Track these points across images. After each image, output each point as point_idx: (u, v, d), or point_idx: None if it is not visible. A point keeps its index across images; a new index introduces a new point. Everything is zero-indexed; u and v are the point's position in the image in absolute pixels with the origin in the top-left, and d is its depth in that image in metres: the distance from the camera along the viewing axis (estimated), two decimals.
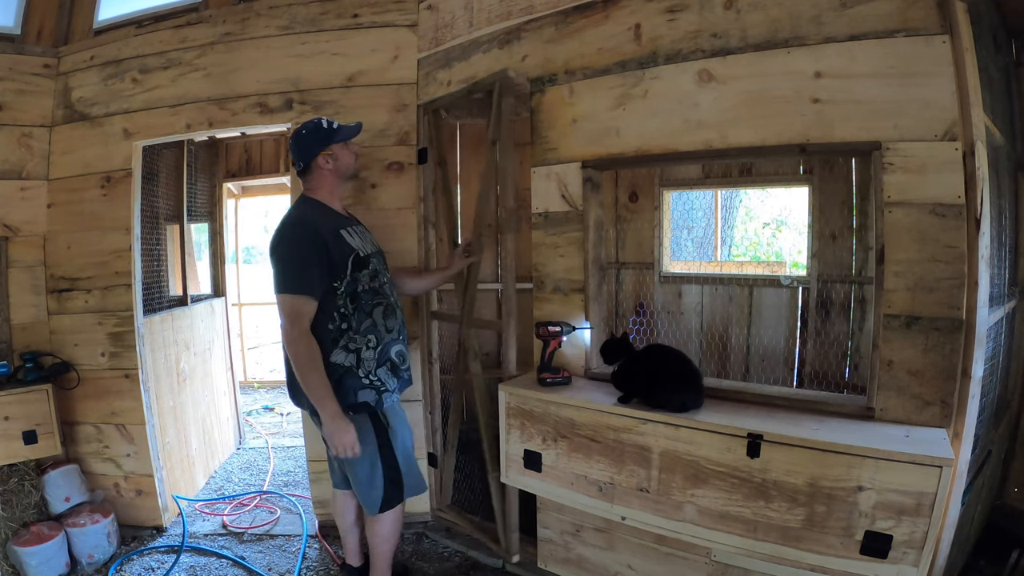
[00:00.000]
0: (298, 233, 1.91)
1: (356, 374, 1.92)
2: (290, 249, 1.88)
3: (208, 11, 2.74)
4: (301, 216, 1.98)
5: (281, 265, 1.87)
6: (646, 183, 3.10)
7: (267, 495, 3.29)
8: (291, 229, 1.92)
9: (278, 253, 1.89)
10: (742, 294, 2.95)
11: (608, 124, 2.05)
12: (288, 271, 1.86)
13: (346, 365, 1.91)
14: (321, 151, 2.00)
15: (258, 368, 6.98)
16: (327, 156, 2.01)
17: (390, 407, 2.01)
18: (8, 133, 2.76)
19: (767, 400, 1.82)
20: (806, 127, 1.70)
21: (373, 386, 1.95)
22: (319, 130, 2.01)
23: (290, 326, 1.84)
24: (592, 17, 2.07)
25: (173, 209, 3.45)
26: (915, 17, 1.55)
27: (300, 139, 2.02)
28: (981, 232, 1.51)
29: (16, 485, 2.58)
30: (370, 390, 1.94)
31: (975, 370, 1.54)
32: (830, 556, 1.50)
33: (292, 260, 1.87)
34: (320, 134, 2.00)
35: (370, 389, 1.94)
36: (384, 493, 2.00)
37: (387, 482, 1.99)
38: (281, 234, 1.92)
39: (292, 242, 1.89)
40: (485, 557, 2.51)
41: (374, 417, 1.98)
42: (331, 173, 2.04)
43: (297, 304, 1.84)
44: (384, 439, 1.99)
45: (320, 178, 2.04)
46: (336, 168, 2.04)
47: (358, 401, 1.93)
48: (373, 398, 1.95)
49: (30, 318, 2.81)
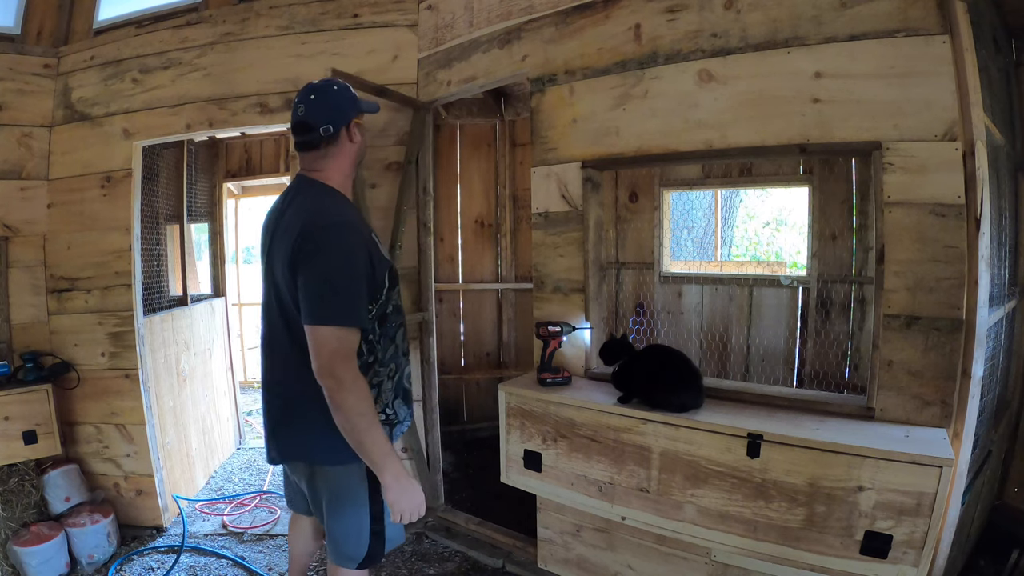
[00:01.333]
0: (352, 241, 1.42)
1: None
2: (339, 262, 1.39)
3: (208, 11, 2.75)
4: (341, 214, 1.47)
5: (324, 283, 1.38)
6: (646, 183, 3.10)
7: (267, 495, 3.29)
8: (342, 234, 1.41)
9: (318, 264, 1.38)
10: (742, 294, 2.95)
11: (608, 124, 2.05)
12: (338, 292, 1.38)
13: None
14: (355, 118, 1.53)
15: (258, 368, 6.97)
16: (358, 125, 1.55)
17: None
18: (8, 133, 2.76)
19: (767, 400, 1.82)
20: (806, 127, 1.70)
21: (388, 421, 1.61)
22: (351, 91, 1.54)
23: (343, 368, 1.37)
24: (592, 17, 2.07)
25: (173, 209, 3.45)
26: (915, 17, 1.55)
27: (330, 96, 1.51)
28: (981, 232, 1.51)
29: (16, 485, 2.58)
30: (385, 427, 1.56)
31: (975, 370, 1.54)
32: (830, 556, 1.50)
33: (344, 278, 1.39)
34: (352, 96, 1.54)
35: (385, 425, 1.57)
36: (369, 548, 1.62)
37: (372, 536, 1.62)
38: (322, 237, 1.40)
39: (345, 253, 1.40)
40: (485, 557, 2.51)
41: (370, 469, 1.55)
42: (355, 151, 1.57)
43: (349, 339, 1.39)
44: (376, 495, 1.58)
45: (342, 156, 1.54)
46: (361, 146, 1.59)
47: None
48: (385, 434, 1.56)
49: (30, 318, 2.81)
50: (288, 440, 1.59)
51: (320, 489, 1.61)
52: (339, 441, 1.45)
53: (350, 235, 1.42)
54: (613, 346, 1.95)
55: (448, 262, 3.84)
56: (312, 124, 1.48)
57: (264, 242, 1.60)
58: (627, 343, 1.95)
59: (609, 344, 1.97)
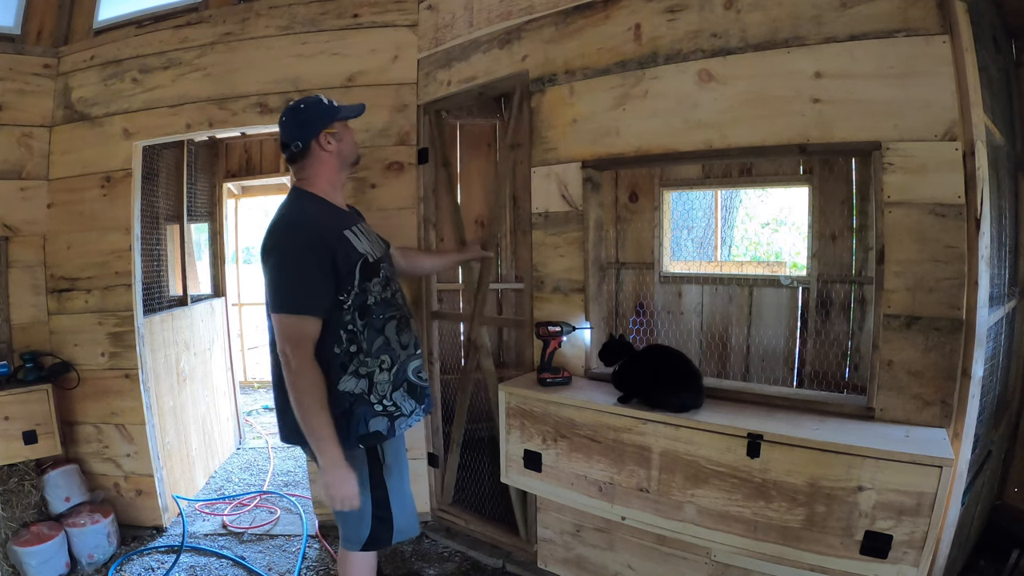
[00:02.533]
0: (297, 236, 1.59)
1: (368, 400, 1.66)
2: (288, 256, 1.57)
3: (208, 11, 2.74)
4: (298, 214, 1.67)
5: (277, 276, 1.57)
6: (646, 183, 3.10)
7: (267, 495, 3.29)
8: (287, 230, 1.62)
9: (271, 261, 1.58)
10: (742, 294, 2.95)
11: (608, 124, 2.05)
12: (286, 284, 1.56)
13: (356, 392, 1.64)
14: (324, 128, 1.69)
15: (258, 368, 6.97)
16: (329, 135, 1.70)
17: (390, 444, 1.75)
18: (8, 133, 2.76)
19: (767, 400, 1.82)
20: (806, 127, 1.69)
21: (387, 412, 1.69)
22: (320, 105, 1.71)
23: (291, 352, 1.53)
24: (592, 17, 2.07)
25: (173, 209, 3.45)
26: (915, 17, 1.54)
27: (298, 114, 1.70)
28: (981, 232, 1.51)
29: (16, 485, 2.58)
30: (383, 417, 1.68)
31: (975, 370, 1.54)
32: (830, 556, 1.50)
33: (290, 270, 1.56)
34: (322, 109, 1.71)
35: (383, 416, 1.68)
36: (371, 531, 1.73)
37: (375, 520, 1.72)
38: (275, 237, 1.61)
39: (289, 248, 1.58)
40: (485, 557, 2.51)
41: (371, 452, 1.71)
42: (334, 157, 1.72)
43: (299, 326, 1.54)
44: (378, 480, 1.71)
45: (320, 164, 1.71)
46: (339, 151, 1.73)
47: (369, 431, 1.66)
48: (385, 426, 1.69)
49: (30, 318, 2.81)
50: (285, 425, 1.73)
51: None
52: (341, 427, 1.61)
53: (295, 230, 1.61)
54: (613, 346, 1.95)
55: None
56: (286, 142, 1.72)
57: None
58: (627, 343, 1.95)
59: (609, 344, 1.97)
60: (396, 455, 1.80)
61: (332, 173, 1.74)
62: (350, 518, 1.73)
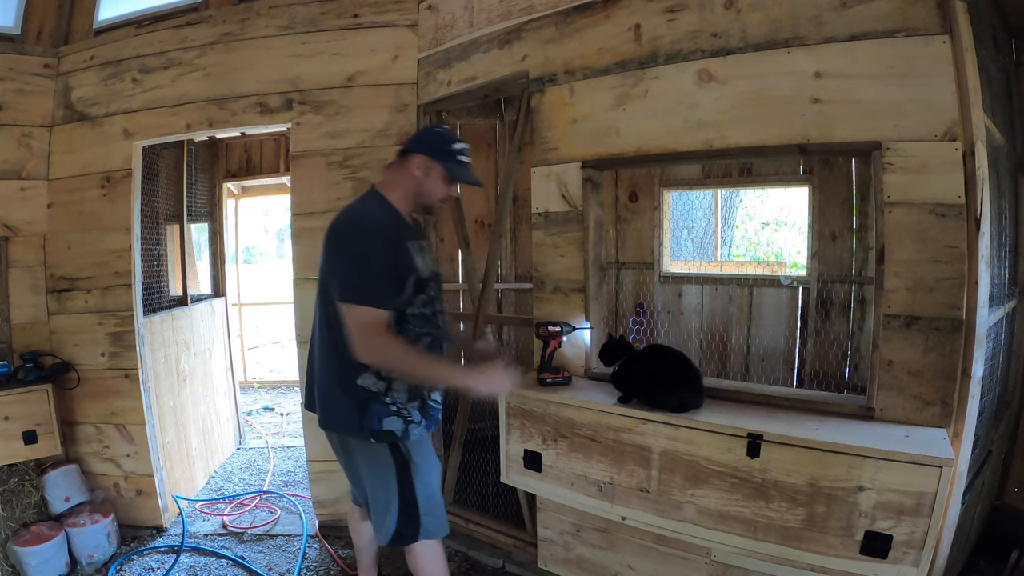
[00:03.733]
0: (378, 231, 1.65)
1: (383, 400, 1.70)
2: (370, 249, 1.61)
3: (208, 11, 2.74)
4: (379, 212, 1.72)
5: (357, 268, 1.61)
6: (646, 183, 3.10)
7: (267, 495, 3.29)
8: (368, 225, 1.66)
9: (350, 251, 1.62)
10: (742, 294, 2.95)
11: (608, 124, 2.05)
12: (368, 277, 1.60)
13: (373, 390, 1.69)
14: (427, 155, 1.74)
15: (258, 368, 6.98)
16: (426, 165, 1.74)
17: (415, 441, 1.77)
18: (8, 133, 2.76)
19: (767, 400, 1.82)
20: (806, 127, 1.69)
21: (400, 414, 1.72)
22: (445, 141, 1.77)
23: (373, 337, 1.58)
24: (592, 17, 2.07)
25: (173, 209, 3.45)
26: (915, 17, 1.55)
27: (427, 131, 1.85)
28: (981, 232, 1.51)
29: (16, 485, 2.58)
30: (397, 418, 1.71)
31: (975, 370, 1.54)
32: (830, 556, 1.50)
33: (371, 264, 1.60)
34: (442, 145, 1.76)
35: (397, 417, 1.71)
36: (397, 527, 1.77)
37: (401, 516, 1.76)
38: (355, 229, 1.66)
39: (371, 242, 1.62)
40: (485, 557, 2.51)
41: (394, 449, 1.73)
42: (413, 183, 1.76)
43: (378, 317, 1.59)
44: (405, 475, 1.75)
45: (403, 178, 1.77)
46: (420, 183, 1.76)
47: (382, 428, 1.69)
48: (400, 427, 1.71)
49: (30, 318, 2.81)
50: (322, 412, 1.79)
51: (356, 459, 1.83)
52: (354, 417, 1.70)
53: (375, 227, 1.65)
54: (612, 346, 1.95)
55: (448, 262, 3.84)
56: (406, 143, 1.82)
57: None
58: (626, 343, 1.95)
59: (608, 345, 1.97)
60: (424, 455, 1.81)
61: (406, 193, 1.78)
62: (379, 508, 1.80)
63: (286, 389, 5.70)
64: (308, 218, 2.67)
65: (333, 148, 2.63)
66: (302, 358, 2.68)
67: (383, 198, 1.77)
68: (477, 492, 2.77)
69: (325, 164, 2.64)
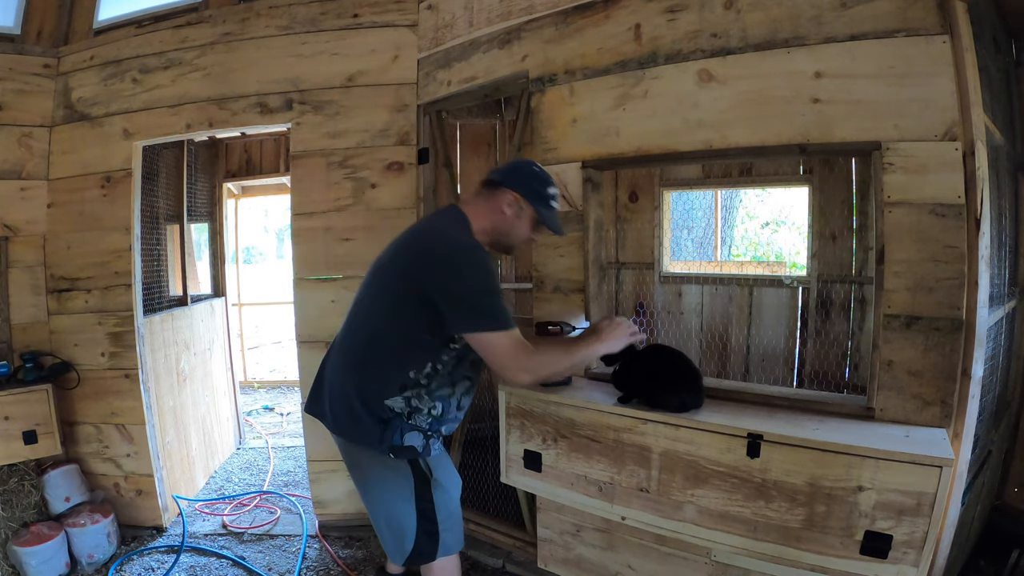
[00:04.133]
0: (485, 260, 1.61)
1: (404, 419, 1.66)
2: (487, 276, 1.57)
3: (208, 11, 2.74)
4: (475, 242, 1.66)
5: (485, 297, 1.56)
6: (646, 183, 3.10)
7: (267, 495, 3.29)
8: (477, 254, 1.60)
9: (472, 281, 1.55)
10: (742, 294, 2.95)
11: (608, 124, 2.05)
12: (496, 302, 1.56)
13: (397, 411, 1.65)
14: (520, 194, 1.68)
15: (258, 368, 6.98)
16: (517, 204, 1.69)
17: (436, 457, 1.73)
18: (8, 133, 2.76)
19: (767, 400, 1.82)
20: (806, 127, 1.69)
21: (420, 429, 1.68)
22: (542, 183, 1.71)
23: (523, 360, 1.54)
24: (592, 17, 2.07)
25: (173, 209, 3.45)
26: (915, 17, 1.55)
27: (522, 168, 1.75)
28: (981, 232, 1.51)
29: (16, 485, 2.58)
30: (418, 433, 1.67)
31: (975, 370, 1.54)
32: (830, 556, 1.50)
33: (494, 289, 1.57)
34: (538, 187, 1.70)
35: (417, 432, 1.67)
36: (416, 545, 1.73)
37: (421, 533, 1.73)
38: (470, 258, 1.58)
39: (484, 269, 1.58)
40: (485, 557, 2.51)
41: (414, 465, 1.70)
42: (501, 220, 1.70)
43: (513, 336, 1.55)
44: (424, 491, 1.71)
45: (489, 211, 1.70)
46: (509, 221, 1.70)
47: (403, 444, 1.64)
48: (420, 442, 1.67)
49: (30, 318, 2.81)
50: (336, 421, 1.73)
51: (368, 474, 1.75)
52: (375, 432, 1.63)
53: (483, 256, 1.61)
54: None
55: None
56: (495, 174, 1.74)
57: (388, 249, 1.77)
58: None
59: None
60: (445, 472, 1.78)
61: (490, 228, 1.71)
62: (394, 529, 1.74)
63: (286, 389, 5.70)
64: (308, 218, 2.67)
65: (333, 148, 2.63)
66: (302, 358, 2.69)
67: (469, 225, 1.69)
68: (477, 492, 2.76)
69: (325, 164, 2.64)
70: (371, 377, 1.65)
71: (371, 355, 1.66)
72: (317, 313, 2.67)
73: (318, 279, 2.69)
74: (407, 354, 1.63)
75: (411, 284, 1.59)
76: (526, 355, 1.55)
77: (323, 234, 2.66)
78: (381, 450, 1.65)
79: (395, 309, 1.63)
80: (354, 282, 2.63)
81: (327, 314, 2.64)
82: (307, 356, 2.64)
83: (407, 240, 1.73)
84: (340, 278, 2.67)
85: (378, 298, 1.69)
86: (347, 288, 2.65)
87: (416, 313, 1.59)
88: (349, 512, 2.76)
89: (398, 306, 1.62)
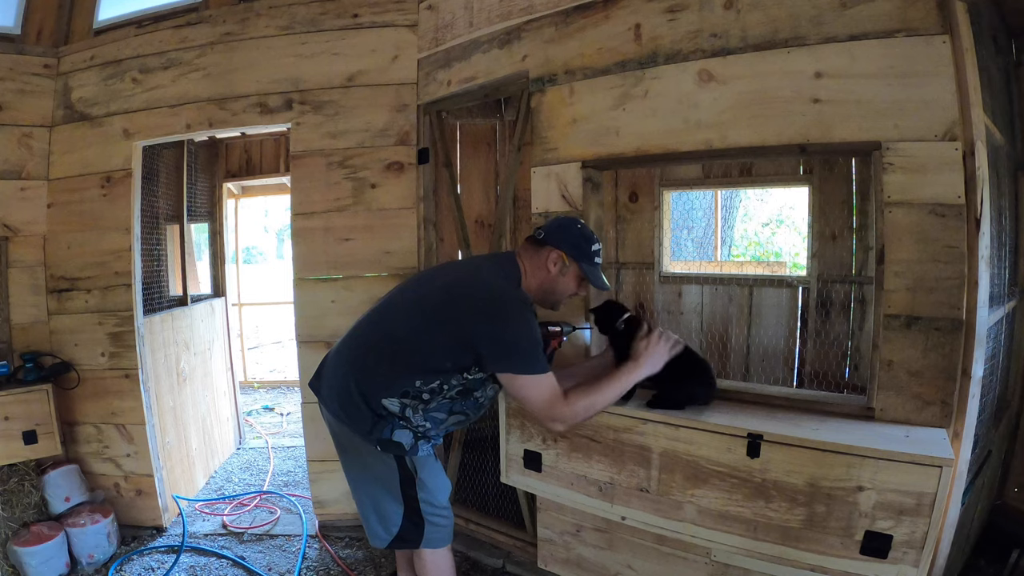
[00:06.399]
0: (532, 317, 1.70)
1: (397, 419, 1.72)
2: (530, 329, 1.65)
3: (208, 11, 2.74)
4: (524, 297, 1.75)
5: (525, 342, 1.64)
6: (646, 183, 3.10)
7: (267, 495, 3.29)
8: (526, 310, 1.69)
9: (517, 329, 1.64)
10: (742, 294, 2.95)
11: (608, 124, 2.04)
12: (535, 351, 1.64)
13: (391, 410, 1.71)
14: (565, 252, 1.76)
15: (258, 368, 6.98)
16: (562, 261, 1.77)
17: (423, 458, 1.77)
18: (8, 133, 2.76)
19: (767, 400, 1.82)
20: (806, 127, 1.69)
21: (411, 428, 1.74)
22: (587, 241, 1.77)
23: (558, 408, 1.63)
24: (592, 17, 2.07)
25: (173, 209, 3.45)
26: (915, 17, 1.54)
27: (568, 226, 1.81)
28: (981, 232, 1.51)
29: (16, 485, 2.58)
30: (408, 431, 1.73)
31: (975, 370, 1.54)
32: (830, 556, 1.50)
33: (536, 340, 1.66)
34: (583, 246, 1.77)
35: (408, 430, 1.73)
36: (400, 530, 1.80)
37: (406, 521, 1.80)
38: (516, 309, 1.66)
39: (529, 324, 1.66)
40: (485, 557, 2.51)
41: (400, 461, 1.75)
42: (547, 279, 1.78)
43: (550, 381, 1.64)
44: (408, 489, 1.77)
45: (537, 268, 1.78)
46: (554, 280, 1.79)
47: (392, 439, 1.71)
48: (408, 440, 1.72)
49: (30, 318, 2.81)
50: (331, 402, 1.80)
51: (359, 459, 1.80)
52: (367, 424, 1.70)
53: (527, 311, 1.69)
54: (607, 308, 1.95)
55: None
56: (543, 231, 1.80)
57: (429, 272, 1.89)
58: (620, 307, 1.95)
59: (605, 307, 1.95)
60: (431, 473, 1.80)
61: (537, 286, 1.80)
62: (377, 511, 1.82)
63: (286, 389, 5.70)
64: (308, 218, 2.67)
65: (333, 148, 2.63)
66: (302, 358, 2.69)
67: (520, 280, 1.78)
68: (477, 492, 2.76)
69: (325, 164, 2.64)
70: (376, 377, 1.71)
71: (385, 358, 1.71)
72: (317, 313, 2.67)
73: (318, 279, 2.69)
74: (420, 367, 1.68)
75: (456, 320, 1.66)
76: (559, 406, 1.63)
77: (323, 234, 2.66)
78: (370, 441, 1.71)
79: (429, 331, 1.68)
80: (354, 282, 2.65)
81: (327, 314, 2.64)
82: (307, 356, 2.64)
83: (465, 275, 1.82)
84: (340, 278, 2.67)
85: (415, 313, 1.73)
86: (347, 288, 2.65)
87: (449, 345, 1.66)
88: (349, 512, 2.76)
89: (433, 331, 1.68)
